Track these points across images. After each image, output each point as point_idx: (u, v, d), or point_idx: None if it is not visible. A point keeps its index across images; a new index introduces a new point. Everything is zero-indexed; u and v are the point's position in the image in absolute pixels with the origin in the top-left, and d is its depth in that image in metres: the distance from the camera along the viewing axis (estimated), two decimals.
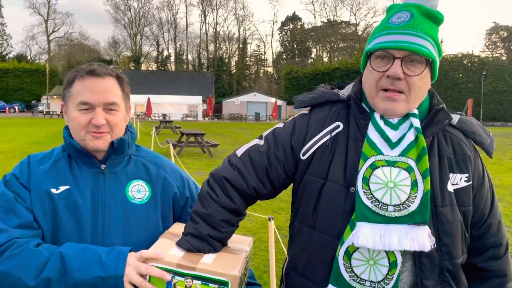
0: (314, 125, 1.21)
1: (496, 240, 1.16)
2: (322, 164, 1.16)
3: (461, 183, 1.10)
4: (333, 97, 1.22)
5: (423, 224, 1.05)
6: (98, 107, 1.21)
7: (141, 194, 1.27)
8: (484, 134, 1.15)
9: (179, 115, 44.64)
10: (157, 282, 1.05)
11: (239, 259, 1.11)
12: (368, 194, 1.07)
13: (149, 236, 1.18)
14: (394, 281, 1.07)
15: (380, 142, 1.10)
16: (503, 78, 47.72)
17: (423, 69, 1.07)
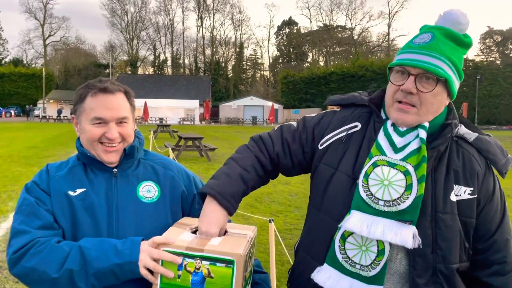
0: (336, 122, 1.37)
1: (502, 256, 1.20)
2: (335, 155, 1.31)
3: (465, 195, 1.18)
4: (359, 100, 1.37)
5: (409, 223, 1.15)
6: (111, 122, 1.33)
7: (151, 193, 1.38)
8: (499, 154, 1.23)
9: (176, 119, 44.72)
10: (169, 265, 1.15)
11: (243, 241, 1.21)
12: (365, 187, 1.20)
13: (160, 231, 1.26)
14: (381, 267, 1.17)
15: (386, 145, 1.23)
16: (497, 82, 48.15)
17: (435, 86, 1.18)
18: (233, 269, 1.13)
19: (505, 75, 48.04)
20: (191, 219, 1.39)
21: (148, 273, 1.17)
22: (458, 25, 1.20)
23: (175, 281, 1.15)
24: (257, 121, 47.34)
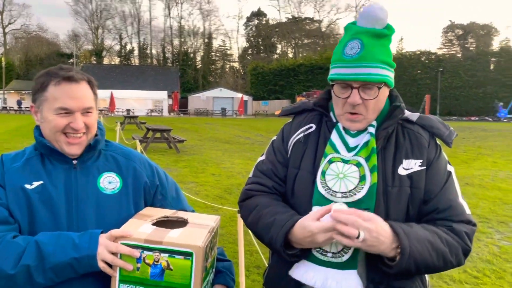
0: (293, 128, 1.46)
1: (447, 215, 1.26)
2: (297, 156, 1.39)
3: (416, 167, 1.28)
4: (309, 106, 1.47)
5: (366, 210, 1.22)
6: (77, 112, 1.29)
7: (112, 185, 1.36)
8: (442, 127, 1.34)
9: (143, 110, 43.86)
10: (128, 258, 1.16)
11: (203, 232, 1.22)
12: (323, 183, 1.28)
13: (122, 223, 1.26)
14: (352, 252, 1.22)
15: (339, 145, 1.33)
16: (458, 75, 49.86)
17: (378, 91, 1.27)
18: (192, 261, 1.15)
19: (465, 68, 49.81)
20: (153, 209, 1.39)
21: (106, 266, 1.17)
22: (379, 21, 1.26)
23: (134, 273, 1.16)
24: (226, 112, 47.11)
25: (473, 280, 4.04)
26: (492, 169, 10.42)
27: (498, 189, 8.03)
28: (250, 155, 12.43)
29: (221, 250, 1.49)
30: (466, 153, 13.42)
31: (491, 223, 5.84)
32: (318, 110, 1.42)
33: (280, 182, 1.41)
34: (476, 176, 9.42)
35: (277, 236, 1.24)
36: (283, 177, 1.40)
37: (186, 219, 1.33)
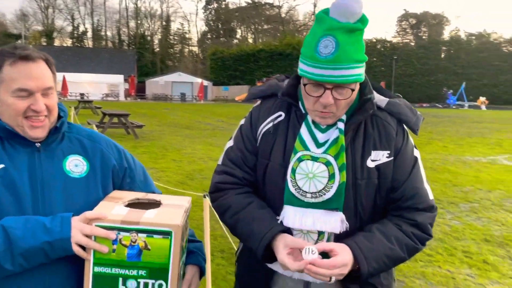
0: (262, 115, 1.40)
1: (412, 204, 1.30)
2: (266, 147, 1.36)
3: (383, 158, 1.29)
4: (278, 90, 1.40)
5: (336, 210, 1.26)
6: (37, 93, 1.22)
7: (79, 168, 1.31)
8: (410, 113, 1.33)
9: (98, 94, 42.30)
10: (103, 240, 1.13)
11: (179, 212, 1.22)
12: (293, 182, 1.28)
13: (90, 207, 1.22)
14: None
15: (309, 141, 1.31)
16: (411, 63, 51.75)
17: (351, 92, 1.24)
18: (171, 240, 1.14)
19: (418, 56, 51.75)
20: (123, 192, 1.36)
21: (80, 249, 1.14)
22: (354, 15, 1.18)
23: (109, 255, 1.14)
24: (186, 98, 46.39)
25: (426, 257, 4.27)
26: (443, 153, 10.96)
27: (448, 172, 8.47)
28: (211, 141, 12.36)
29: (192, 232, 1.49)
30: (418, 138, 14.02)
31: (442, 204, 6.16)
32: (287, 100, 1.37)
33: (250, 172, 1.39)
34: (428, 159, 9.88)
35: (257, 249, 1.28)
36: (253, 166, 1.38)
37: (159, 201, 1.31)
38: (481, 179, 7.91)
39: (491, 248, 4.55)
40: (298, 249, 1.21)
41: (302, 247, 1.19)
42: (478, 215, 5.72)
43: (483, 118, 23.86)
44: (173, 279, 1.17)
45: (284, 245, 1.22)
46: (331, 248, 1.20)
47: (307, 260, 1.16)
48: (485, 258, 4.26)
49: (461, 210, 5.95)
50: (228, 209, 1.36)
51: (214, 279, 3.64)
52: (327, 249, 1.20)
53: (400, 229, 1.28)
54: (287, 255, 1.20)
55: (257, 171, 1.38)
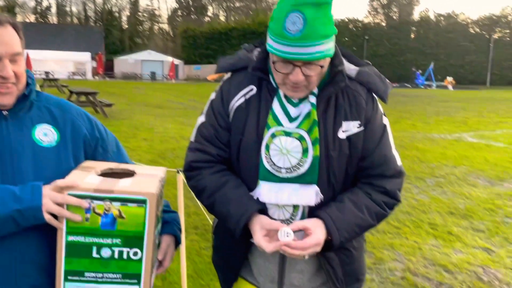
0: (233, 89, 1.36)
1: (381, 171, 1.32)
2: (239, 123, 1.34)
3: (354, 129, 1.30)
4: (249, 63, 1.36)
5: (310, 184, 1.27)
6: (5, 58, 1.17)
7: (49, 137, 1.27)
8: (379, 82, 1.34)
9: (64, 73, 40.90)
10: (76, 209, 1.11)
11: (154, 181, 1.20)
12: (268, 159, 1.28)
13: (61, 177, 1.19)
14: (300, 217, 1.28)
15: (281, 116, 1.30)
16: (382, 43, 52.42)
17: (321, 68, 1.22)
18: (146, 209, 1.13)
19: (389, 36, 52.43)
20: (95, 162, 1.33)
21: (52, 218, 1.11)
22: None
23: (83, 224, 1.12)
24: (156, 77, 45.46)
25: (394, 230, 4.43)
26: (411, 131, 11.26)
27: (416, 149, 8.73)
28: (183, 120, 12.22)
29: (167, 203, 1.48)
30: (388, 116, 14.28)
31: (410, 179, 6.36)
32: (257, 75, 1.33)
33: (224, 148, 1.37)
34: (397, 137, 10.13)
35: (234, 231, 1.28)
36: (226, 142, 1.36)
37: (133, 170, 1.29)
38: (447, 155, 8.20)
39: (455, 220, 4.75)
40: (274, 230, 1.23)
41: (277, 228, 1.21)
42: (444, 189, 5.95)
43: (450, 98, 24.59)
44: (148, 248, 1.16)
45: (260, 227, 1.24)
46: (305, 227, 1.23)
47: (282, 242, 1.19)
48: (450, 230, 4.45)
49: (427, 184, 6.17)
50: (204, 190, 1.35)
51: (189, 254, 3.65)
52: (301, 227, 1.23)
53: (370, 198, 1.32)
54: (263, 237, 1.22)
55: (231, 147, 1.37)
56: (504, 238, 4.27)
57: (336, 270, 1.36)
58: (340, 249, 1.34)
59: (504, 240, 4.22)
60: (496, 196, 5.65)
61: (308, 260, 1.36)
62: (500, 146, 9.35)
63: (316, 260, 1.36)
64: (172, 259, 1.37)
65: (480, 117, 14.91)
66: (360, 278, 1.45)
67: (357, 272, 1.43)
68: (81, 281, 1.15)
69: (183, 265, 3.15)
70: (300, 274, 1.38)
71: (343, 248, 1.35)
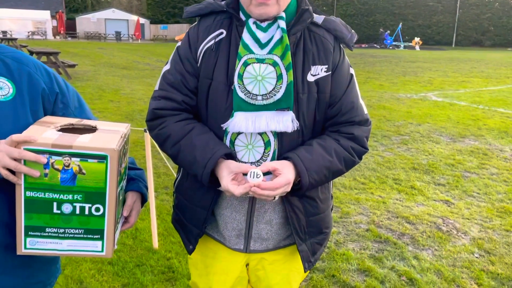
0: (201, 33, 1.33)
1: (349, 117, 1.34)
2: (208, 66, 1.31)
3: (322, 73, 1.30)
4: (217, 7, 1.34)
5: (287, 109, 1.27)
6: None
7: (4, 91, 1.21)
8: (345, 30, 1.35)
9: (23, 32, 38.66)
10: (34, 165, 1.08)
11: (115, 137, 1.18)
12: (242, 88, 1.26)
13: (19, 132, 1.14)
14: (270, 158, 1.29)
15: (251, 43, 1.27)
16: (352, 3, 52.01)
17: None
18: (107, 164, 1.11)
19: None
20: (55, 118, 1.28)
21: (9, 173, 1.08)
22: None
23: (41, 180, 1.09)
24: (121, 37, 43.68)
25: (361, 186, 4.58)
26: (379, 91, 11.44)
27: (384, 108, 8.91)
28: (151, 81, 11.91)
29: (132, 160, 1.45)
30: (357, 77, 14.39)
31: (377, 137, 6.53)
32: (229, 11, 1.33)
33: (190, 94, 1.34)
34: (365, 97, 10.28)
35: (202, 177, 1.27)
36: (194, 88, 1.33)
37: (95, 126, 1.25)
38: (412, 114, 8.42)
39: (418, 175, 4.95)
40: (242, 173, 1.22)
41: (246, 171, 1.20)
42: (408, 146, 6.15)
43: (416, 58, 24.96)
44: (111, 203, 1.15)
45: (228, 172, 1.23)
46: (274, 168, 1.22)
47: (251, 183, 1.17)
48: (413, 184, 4.65)
49: (393, 142, 6.35)
50: (168, 138, 1.32)
51: (159, 213, 3.67)
52: (270, 168, 1.22)
53: (338, 143, 1.33)
54: (231, 181, 1.21)
55: (198, 93, 1.34)
56: (463, 191, 4.50)
57: (300, 218, 1.38)
58: (305, 198, 1.37)
59: (463, 193, 4.45)
60: (457, 152, 5.90)
61: (276, 209, 1.38)
62: (463, 104, 9.67)
63: (283, 210, 1.38)
64: (138, 215, 1.37)
65: (445, 77, 15.27)
66: (324, 231, 1.47)
67: (321, 224, 1.45)
68: (42, 236, 1.13)
69: (153, 224, 3.17)
70: (268, 225, 1.39)
71: (308, 197, 1.38)
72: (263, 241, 1.41)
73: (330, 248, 3.24)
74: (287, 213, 1.36)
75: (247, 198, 1.35)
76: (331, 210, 1.51)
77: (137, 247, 3.16)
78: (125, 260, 2.97)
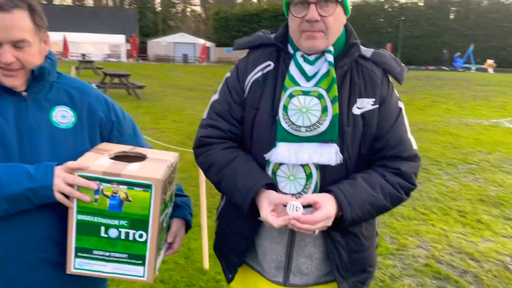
0: (250, 65, 1.38)
1: (396, 152, 1.31)
2: (255, 97, 1.34)
3: (368, 106, 1.29)
4: (266, 40, 1.39)
5: (331, 142, 1.26)
6: (6, 44, 1.18)
7: (66, 119, 1.31)
8: (394, 64, 1.34)
9: (100, 55, 41.81)
10: (86, 190, 1.16)
11: (162, 167, 1.23)
12: (286, 119, 1.27)
13: (76, 158, 1.23)
14: (312, 191, 1.28)
15: (298, 76, 1.29)
16: (419, 24, 50.41)
17: (335, 8, 1.25)
18: (151, 193, 1.16)
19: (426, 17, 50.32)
20: (110, 144, 1.36)
21: (63, 197, 1.17)
22: None
23: (92, 205, 1.17)
24: (188, 59, 45.78)
25: (421, 216, 4.34)
26: (446, 116, 10.90)
27: (450, 134, 8.45)
28: None
29: (179, 187, 1.51)
30: (422, 100, 13.89)
31: (441, 165, 6.19)
32: (277, 45, 1.36)
33: (236, 124, 1.37)
34: (430, 122, 9.84)
35: (242, 205, 1.27)
36: (240, 117, 1.36)
37: (145, 155, 1.32)
38: (482, 141, 7.90)
39: (486, 208, 4.61)
40: (282, 204, 1.22)
41: (286, 202, 1.19)
42: (476, 176, 5.76)
43: (489, 81, 23.50)
44: (153, 230, 1.19)
45: (268, 202, 1.23)
46: (315, 201, 1.20)
47: (290, 216, 1.16)
48: (479, 218, 4.33)
49: (459, 171, 5.99)
50: (212, 165, 1.35)
51: (211, 234, 3.72)
52: (310, 201, 1.20)
53: (384, 178, 1.29)
54: (270, 213, 1.21)
55: (244, 123, 1.37)
56: None
57: (342, 255, 1.34)
58: (348, 234, 1.33)
59: None
60: None
61: (317, 243, 1.35)
62: None
63: (324, 244, 1.35)
64: (181, 241, 1.41)
65: None
66: (368, 270, 1.42)
67: (365, 262, 1.39)
68: (90, 258, 1.21)
69: (205, 244, 3.23)
70: (308, 260, 1.36)
71: (352, 234, 1.34)
72: (303, 275, 1.38)
73: (384, 282, 3.09)
74: (328, 248, 1.33)
75: (287, 230, 1.33)
76: (375, 248, 1.45)
77: (189, 267, 3.23)
78: (176, 280, 3.04)
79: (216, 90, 1.45)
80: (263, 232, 1.38)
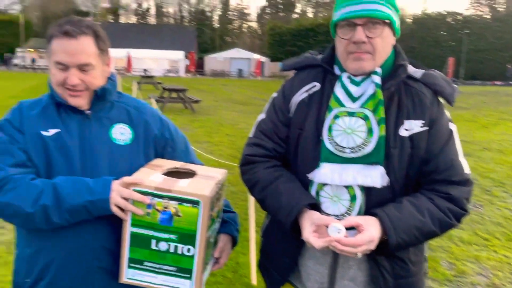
0: (296, 85, 1.40)
1: (446, 176, 1.26)
2: (300, 117, 1.36)
3: (417, 128, 1.26)
4: (313, 62, 1.41)
5: (376, 164, 1.23)
6: (72, 67, 1.30)
7: (124, 136, 1.41)
8: (445, 84, 1.30)
9: (160, 70, 43.78)
10: (139, 204, 1.23)
11: (210, 184, 1.28)
12: (330, 140, 1.27)
13: (132, 173, 1.31)
14: (356, 213, 1.26)
15: (343, 97, 1.29)
16: (484, 37, 47.89)
17: (383, 30, 1.25)
18: (199, 209, 1.21)
19: (492, 30, 47.72)
20: (164, 160, 1.44)
21: (119, 210, 1.24)
22: None
23: (144, 218, 1.23)
24: (243, 74, 46.68)
25: (482, 242, 4.07)
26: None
27: None
28: None
29: (227, 203, 1.55)
30: (487, 117, 13.11)
31: (506, 187, 5.79)
32: (324, 66, 1.37)
33: (281, 143, 1.39)
34: (495, 141, 9.25)
35: (285, 223, 1.28)
36: (285, 137, 1.38)
37: (195, 171, 1.37)
38: None
39: None
40: (325, 225, 1.21)
41: (327, 224, 1.18)
42: None
43: None
44: (201, 245, 1.23)
45: (310, 223, 1.23)
46: (358, 223, 1.18)
47: (332, 238, 1.15)
48: None
49: None
50: (256, 183, 1.37)
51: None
52: (353, 224, 1.19)
53: (432, 203, 1.24)
54: (312, 233, 1.21)
55: (289, 143, 1.38)
56: None
57: (388, 280, 1.30)
58: (394, 258, 1.29)
59: None
60: None
61: (361, 267, 1.32)
62: None
63: (369, 268, 1.31)
64: (227, 257, 1.44)
65: None
66: None
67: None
68: (141, 269, 1.26)
69: (253, 259, 3.23)
70: (352, 283, 1.33)
71: (398, 258, 1.29)
72: None
73: None
74: (373, 272, 1.30)
75: (330, 252, 1.31)
76: (424, 274, 1.39)
77: (236, 281, 3.24)
78: None
79: (263, 109, 1.48)
80: (306, 253, 1.38)
